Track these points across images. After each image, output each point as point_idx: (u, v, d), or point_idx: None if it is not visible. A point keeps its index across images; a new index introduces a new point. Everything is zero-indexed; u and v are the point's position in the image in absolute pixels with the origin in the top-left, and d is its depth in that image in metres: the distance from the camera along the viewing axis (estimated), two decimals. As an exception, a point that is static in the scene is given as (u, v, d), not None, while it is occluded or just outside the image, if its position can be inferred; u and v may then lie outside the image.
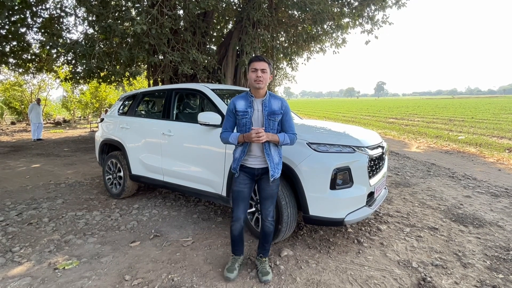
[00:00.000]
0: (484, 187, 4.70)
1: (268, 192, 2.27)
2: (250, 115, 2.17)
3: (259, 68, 2.11)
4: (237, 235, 2.34)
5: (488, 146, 8.38)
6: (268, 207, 2.30)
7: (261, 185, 2.29)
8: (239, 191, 2.26)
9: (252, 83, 2.15)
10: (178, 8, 7.13)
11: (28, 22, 8.52)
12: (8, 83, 18.57)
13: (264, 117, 2.18)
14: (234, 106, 2.20)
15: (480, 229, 3.23)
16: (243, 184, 2.26)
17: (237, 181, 2.27)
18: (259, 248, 2.42)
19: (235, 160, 2.25)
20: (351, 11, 8.06)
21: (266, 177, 2.25)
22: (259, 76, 2.11)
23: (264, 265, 2.36)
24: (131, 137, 4.11)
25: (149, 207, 3.93)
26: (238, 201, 2.28)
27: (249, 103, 2.19)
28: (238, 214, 2.28)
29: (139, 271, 2.43)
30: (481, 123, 14.66)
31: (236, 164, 2.24)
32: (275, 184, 2.26)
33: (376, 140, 3.09)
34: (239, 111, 2.18)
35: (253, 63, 2.14)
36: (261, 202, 2.33)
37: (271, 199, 2.29)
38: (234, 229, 2.32)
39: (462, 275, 2.39)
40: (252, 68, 2.14)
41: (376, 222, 3.43)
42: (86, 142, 10.34)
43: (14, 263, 2.55)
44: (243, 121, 2.18)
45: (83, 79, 10.22)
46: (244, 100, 2.20)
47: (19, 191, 4.68)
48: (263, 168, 2.24)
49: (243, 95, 2.26)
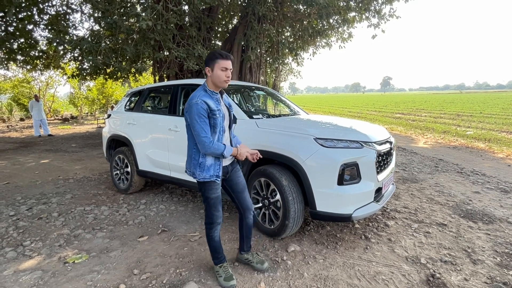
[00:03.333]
0: (493, 183, 4.64)
1: (243, 183, 2.30)
2: (222, 112, 2.06)
3: (229, 68, 2.02)
4: (218, 240, 2.22)
5: (497, 141, 8.24)
6: (248, 197, 2.32)
7: (232, 181, 2.26)
8: (217, 196, 2.12)
9: (221, 83, 2.03)
10: (183, 3, 7.10)
11: (35, 19, 8.58)
12: (17, 80, 18.83)
13: (230, 112, 2.17)
14: (208, 105, 1.97)
15: (489, 225, 3.19)
16: (219, 188, 2.14)
17: (213, 188, 2.09)
18: (245, 244, 2.39)
19: (211, 167, 2.05)
20: (357, 4, 7.94)
21: (235, 169, 2.27)
22: (228, 76, 2.03)
23: (256, 256, 2.42)
24: (138, 132, 4.13)
25: (156, 202, 3.97)
26: (217, 206, 2.14)
27: (216, 101, 2.05)
28: (218, 218, 2.17)
29: (148, 266, 2.45)
30: (490, 118, 14.42)
31: (215, 170, 2.06)
32: (241, 172, 2.34)
33: (384, 135, 3.06)
34: (213, 110, 1.99)
35: (222, 61, 2.00)
36: (240, 196, 2.27)
37: (246, 189, 2.32)
38: (216, 235, 2.19)
39: (471, 271, 2.36)
40: (222, 67, 2.00)
41: (384, 218, 3.40)
42: (94, 138, 10.44)
43: (25, 257, 2.60)
44: (218, 120, 2.02)
45: (89, 75, 10.27)
46: (210, 98, 2.02)
47: (29, 186, 4.76)
48: (231, 163, 2.25)
49: (204, 94, 2.02)
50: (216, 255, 2.25)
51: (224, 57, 2.02)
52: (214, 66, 2.02)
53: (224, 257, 2.28)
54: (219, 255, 2.25)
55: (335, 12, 7.48)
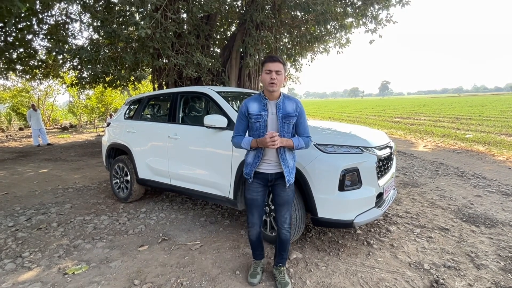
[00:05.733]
0: (494, 186, 4.62)
1: (284, 198, 2.15)
2: (264, 118, 2.05)
3: (273, 70, 1.97)
4: (255, 240, 2.30)
5: (497, 144, 8.25)
6: (284, 213, 2.19)
7: (276, 191, 2.17)
8: (253, 198, 2.17)
9: (266, 86, 2.02)
10: (181, 11, 7.16)
11: (35, 29, 8.64)
12: (16, 89, 18.87)
13: (278, 120, 2.06)
14: (247, 108, 2.07)
15: (492, 229, 3.17)
16: (256, 192, 2.16)
17: (250, 188, 2.16)
18: (276, 257, 2.32)
19: (248, 165, 2.13)
20: (354, 10, 8.02)
21: (281, 183, 2.14)
22: (273, 78, 1.97)
23: (283, 275, 2.26)
24: (138, 141, 4.12)
25: (157, 210, 3.94)
26: (252, 208, 2.20)
27: (262, 106, 2.06)
28: (253, 220, 2.23)
29: (148, 276, 2.42)
30: (489, 121, 14.46)
31: (249, 169, 2.12)
32: (290, 189, 2.15)
33: (384, 140, 3.05)
34: (252, 114, 2.05)
35: (267, 64, 2.00)
36: (277, 209, 2.22)
37: (287, 205, 2.18)
38: (251, 235, 2.28)
39: (475, 276, 2.34)
40: (266, 70, 2.00)
41: (386, 223, 3.38)
42: (93, 147, 10.42)
43: (24, 268, 2.57)
44: (257, 125, 2.06)
45: (89, 84, 10.31)
46: (257, 103, 2.08)
47: (28, 196, 4.73)
48: (277, 173, 2.12)
49: (255, 97, 2.13)
50: (252, 251, 2.41)
51: (269, 60, 2.02)
52: (263, 69, 2.05)
53: (259, 255, 2.39)
54: (254, 252, 2.39)
55: (332, 18, 7.55)
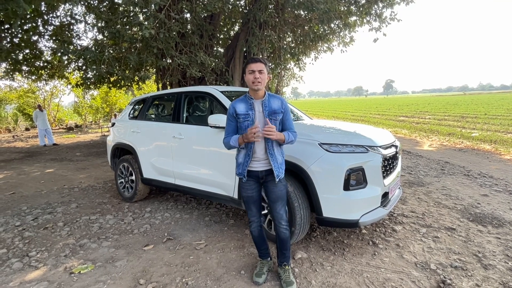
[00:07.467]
0: (501, 185, 4.57)
1: (277, 194, 2.20)
2: (252, 117, 2.14)
3: (256, 70, 2.08)
4: (257, 235, 2.35)
5: (504, 142, 8.14)
6: (279, 210, 2.23)
7: (268, 188, 2.23)
8: (248, 196, 2.25)
9: (251, 85, 2.12)
10: (185, 11, 7.17)
11: (40, 30, 8.73)
12: (22, 90, 19.08)
13: (265, 117, 2.14)
14: (235, 110, 2.16)
15: (499, 228, 3.13)
16: (251, 189, 2.23)
17: (245, 187, 2.24)
18: (279, 256, 2.34)
19: (240, 165, 2.21)
20: (358, 9, 7.96)
21: (271, 179, 2.20)
22: (256, 77, 2.07)
23: (288, 274, 2.26)
24: (142, 140, 4.14)
25: (161, 210, 3.95)
26: (249, 204, 2.29)
27: (249, 106, 2.16)
28: (252, 215, 2.31)
29: (154, 275, 2.43)
30: (495, 119, 14.29)
31: (241, 169, 2.20)
32: (282, 184, 2.20)
33: (389, 139, 3.03)
34: (240, 114, 2.14)
35: (249, 65, 2.11)
36: (271, 205, 2.25)
37: (280, 201, 2.22)
38: (253, 230, 2.34)
39: (483, 277, 2.31)
40: (249, 70, 2.10)
41: (391, 223, 3.36)
42: (98, 147, 10.50)
43: (31, 268, 2.59)
44: (245, 124, 2.15)
45: (93, 84, 10.39)
46: (244, 103, 2.17)
47: (34, 196, 4.77)
48: (266, 170, 2.19)
49: (241, 98, 2.22)
50: (257, 249, 2.45)
51: (251, 61, 2.12)
52: (246, 71, 2.14)
53: (265, 254, 2.43)
54: (259, 250, 2.44)
55: (336, 17, 7.51)
